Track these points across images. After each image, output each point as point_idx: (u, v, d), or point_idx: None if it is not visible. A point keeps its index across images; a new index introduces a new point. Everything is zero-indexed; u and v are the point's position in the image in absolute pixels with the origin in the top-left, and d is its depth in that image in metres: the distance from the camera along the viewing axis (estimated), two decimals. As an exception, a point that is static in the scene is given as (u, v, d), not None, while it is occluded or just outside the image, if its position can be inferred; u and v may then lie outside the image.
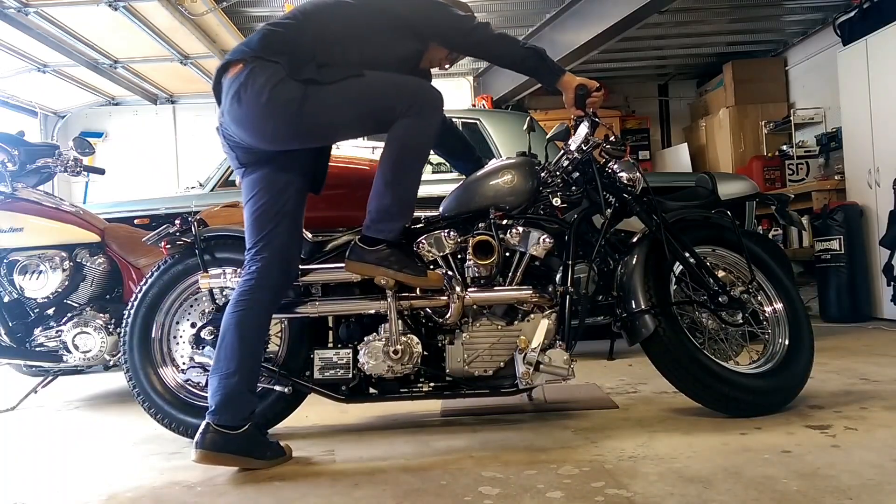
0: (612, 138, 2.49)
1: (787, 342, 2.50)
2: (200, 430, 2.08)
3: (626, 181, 2.45)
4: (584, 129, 2.45)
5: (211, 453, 2.05)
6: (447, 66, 2.47)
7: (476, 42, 2.30)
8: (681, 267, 2.51)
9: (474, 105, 7.17)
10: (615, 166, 2.47)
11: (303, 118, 2.08)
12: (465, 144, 2.73)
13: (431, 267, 2.34)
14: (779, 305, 2.56)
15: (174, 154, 7.57)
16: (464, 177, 2.64)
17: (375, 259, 2.21)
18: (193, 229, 2.47)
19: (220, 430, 2.06)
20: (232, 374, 2.09)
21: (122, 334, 2.54)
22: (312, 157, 2.27)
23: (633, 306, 2.37)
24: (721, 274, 2.52)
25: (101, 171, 3.70)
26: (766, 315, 2.57)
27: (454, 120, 2.74)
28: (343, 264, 2.29)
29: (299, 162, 2.21)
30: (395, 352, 2.29)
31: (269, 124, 2.08)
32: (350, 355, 2.36)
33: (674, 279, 2.51)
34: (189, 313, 2.59)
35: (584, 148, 2.45)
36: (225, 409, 2.08)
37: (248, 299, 2.14)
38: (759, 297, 2.59)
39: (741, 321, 2.49)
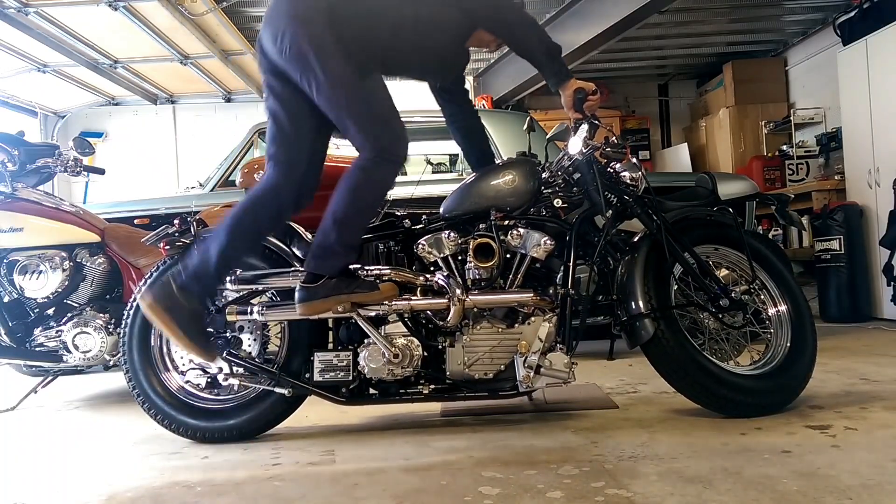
0: (612, 140, 2.49)
1: (789, 343, 2.49)
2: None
3: (629, 181, 2.45)
4: (582, 132, 2.45)
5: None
6: (494, 49, 2.51)
7: (503, 20, 2.33)
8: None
9: (474, 105, 7.17)
10: (618, 166, 2.47)
11: (305, 56, 2.13)
12: (486, 142, 2.75)
13: (439, 274, 2.33)
14: (782, 307, 2.54)
15: (174, 154, 7.56)
16: (464, 177, 2.63)
17: (324, 292, 2.22)
18: (193, 229, 2.47)
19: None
20: (214, 252, 2.21)
21: (121, 335, 2.54)
22: (306, 164, 2.30)
23: (633, 310, 2.36)
24: (723, 273, 2.51)
25: (101, 171, 3.70)
26: (769, 315, 2.56)
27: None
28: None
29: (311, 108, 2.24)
30: (395, 355, 2.29)
31: (287, 31, 2.14)
32: (350, 357, 2.36)
33: (676, 277, 2.50)
34: (189, 313, 2.59)
35: (584, 151, 2.45)
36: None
37: (253, 195, 2.28)
38: (763, 297, 2.57)
39: (742, 323, 2.48)
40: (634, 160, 2.50)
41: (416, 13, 2.25)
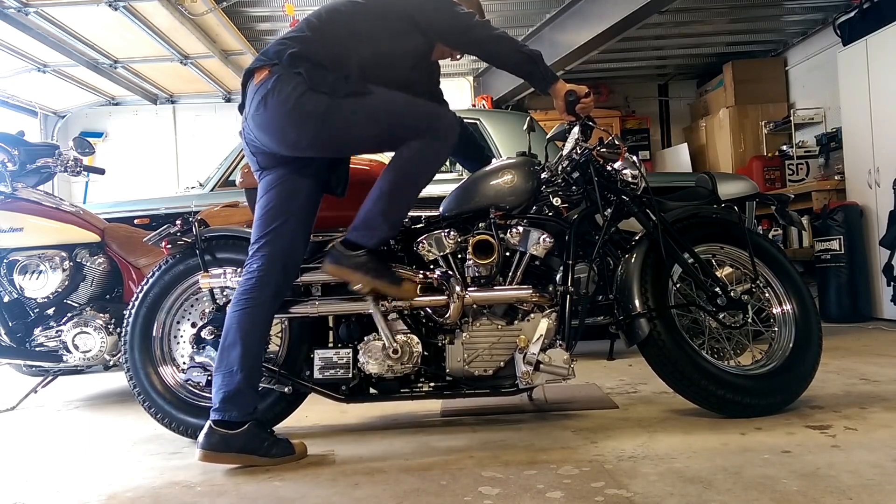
0: (607, 141, 2.49)
1: (792, 343, 2.46)
2: (203, 431, 2.11)
3: (629, 179, 2.45)
4: (574, 134, 2.45)
5: (212, 453, 2.09)
6: (458, 57, 2.51)
7: (472, 41, 2.32)
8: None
9: (474, 105, 7.17)
10: (617, 164, 2.48)
11: (324, 130, 2.14)
12: (475, 143, 2.75)
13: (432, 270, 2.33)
14: (787, 306, 2.52)
15: (174, 154, 7.57)
16: (464, 177, 2.64)
17: (352, 264, 2.22)
18: (194, 229, 2.47)
19: (220, 430, 2.10)
20: (234, 372, 2.12)
21: (122, 334, 2.55)
22: (329, 163, 2.31)
23: (630, 309, 2.36)
24: (727, 271, 2.51)
25: (101, 171, 3.70)
26: (774, 315, 2.54)
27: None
28: None
29: (315, 166, 2.25)
30: (395, 351, 2.29)
31: (292, 132, 2.14)
32: (350, 355, 2.36)
33: (677, 277, 2.50)
34: (190, 313, 2.59)
35: (578, 152, 2.45)
36: (227, 407, 2.12)
37: (249, 298, 2.17)
38: (767, 294, 2.55)
39: (741, 323, 2.46)
40: (634, 159, 2.50)
41: (375, 50, 2.23)
